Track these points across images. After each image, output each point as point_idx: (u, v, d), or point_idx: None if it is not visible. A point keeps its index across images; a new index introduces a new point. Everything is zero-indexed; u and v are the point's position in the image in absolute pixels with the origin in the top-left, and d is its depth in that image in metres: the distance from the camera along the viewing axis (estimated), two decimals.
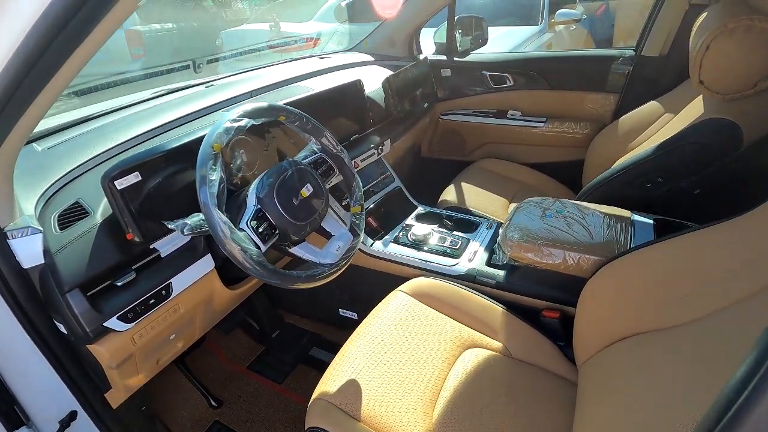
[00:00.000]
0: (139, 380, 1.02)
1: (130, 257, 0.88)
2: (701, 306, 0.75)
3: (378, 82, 1.67)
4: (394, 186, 1.59)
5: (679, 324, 0.78)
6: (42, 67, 0.59)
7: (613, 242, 1.08)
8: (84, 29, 0.56)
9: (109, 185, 0.82)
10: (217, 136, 0.81)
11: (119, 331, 0.85)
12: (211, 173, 0.78)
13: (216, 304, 1.11)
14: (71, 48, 0.58)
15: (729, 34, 1.01)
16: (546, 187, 1.87)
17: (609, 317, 0.93)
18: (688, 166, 1.18)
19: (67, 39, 0.56)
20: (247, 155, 1.07)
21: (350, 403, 0.91)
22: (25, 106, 0.64)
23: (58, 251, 0.79)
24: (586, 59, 1.90)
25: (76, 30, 0.55)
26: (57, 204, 0.88)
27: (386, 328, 1.07)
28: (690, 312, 0.76)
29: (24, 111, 0.65)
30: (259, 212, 0.85)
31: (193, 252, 0.98)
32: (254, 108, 0.89)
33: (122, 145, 1.06)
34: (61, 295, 0.78)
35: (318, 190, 0.95)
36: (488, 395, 0.96)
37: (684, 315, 0.77)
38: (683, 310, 0.78)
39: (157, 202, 0.89)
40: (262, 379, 1.49)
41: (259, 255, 0.80)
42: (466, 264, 1.27)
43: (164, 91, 1.43)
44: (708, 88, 1.10)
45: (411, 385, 0.95)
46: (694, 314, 0.75)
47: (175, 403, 1.40)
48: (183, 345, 1.11)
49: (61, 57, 0.59)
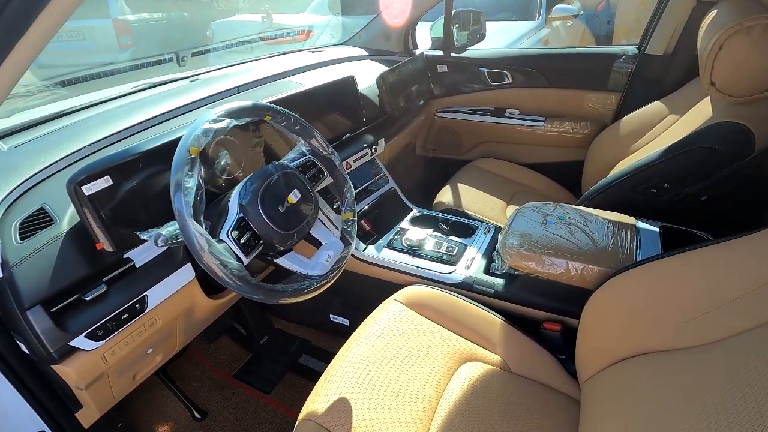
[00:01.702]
0: (114, 398, 0.95)
1: (100, 269, 0.81)
2: (718, 328, 0.69)
3: (372, 78, 1.60)
4: (389, 187, 1.52)
5: (689, 346, 0.72)
6: None
7: (618, 251, 1.03)
8: None
9: (76, 191, 0.75)
10: (195, 138, 0.74)
11: (87, 350, 0.77)
12: (187, 180, 0.71)
13: (197, 315, 1.04)
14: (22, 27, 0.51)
15: (745, 33, 0.95)
16: (544, 189, 1.82)
17: (615, 333, 0.88)
18: (696, 172, 1.13)
19: None
20: (232, 156, 0.99)
21: (339, 425, 0.85)
22: None
23: (18, 264, 0.72)
24: (587, 57, 1.84)
25: None
26: (19, 210, 0.80)
27: (379, 341, 1.01)
28: (705, 334, 0.71)
29: None
30: (242, 221, 0.78)
31: (171, 261, 0.91)
32: (237, 107, 0.82)
33: (95, 145, 0.98)
34: (20, 313, 0.71)
35: (306, 196, 0.88)
36: (487, 413, 0.91)
37: (698, 337, 0.72)
38: (697, 331, 0.73)
39: (130, 208, 0.82)
40: (248, 388, 1.42)
41: (240, 269, 0.73)
42: (463, 272, 1.21)
43: (145, 85, 1.35)
44: (720, 90, 1.04)
45: (405, 403, 0.90)
46: (709, 336, 0.70)
47: (156, 416, 1.33)
48: (162, 358, 1.04)
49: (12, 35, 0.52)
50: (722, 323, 0.69)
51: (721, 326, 0.69)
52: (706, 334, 0.70)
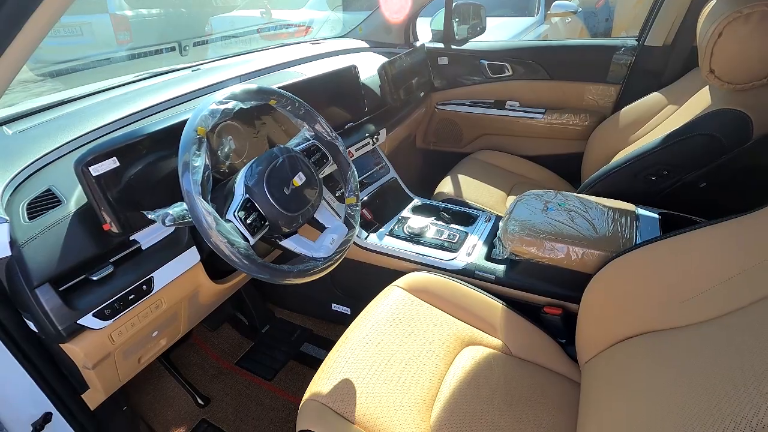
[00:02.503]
0: (119, 380, 0.96)
1: (107, 249, 0.82)
2: (714, 306, 0.71)
3: (373, 69, 1.61)
4: (390, 177, 1.53)
5: (689, 324, 0.74)
6: None
7: (618, 237, 1.04)
8: None
9: (83, 171, 0.76)
10: (202, 118, 0.74)
11: (95, 329, 0.78)
12: (195, 159, 0.71)
13: (202, 299, 1.05)
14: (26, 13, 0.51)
15: (744, 19, 0.96)
16: (544, 180, 1.83)
17: (614, 315, 0.89)
18: (695, 159, 1.15)
19: None
20: (235, 142, 1.00)
21: (344, 405, 0.86)
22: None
23: (27, 242, 0.73)
24: (587, 49, 1.85)
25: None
26: (27, 191, 0.81)
27: (381, 325, 1.02)
28: (702, 312, 0.72)
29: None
30: (248, 202, 0.79)
31: (177, 244, 0.92)
32: (243, 90, 0.83)
33: (100, 130, 0.99)
34: (29, 291, 0.72)
35: (311, 180, 0.89)
36: (488, 395, 0.92)
37: (695, 315, 0.73)
38: (695, 310, 0.74)
39: (137, 190, 0.83)
40: (251, 376, 1.43)
41: (247, 248, 0.74)
42: (465, 258, 1.22)
43: (147, 74, 1.36)
44: (719, 77, 1.05)
45: (407, 385, 0.91)
46: (706, 314, 0.71)
47: (160, 401, 1.34)
48: (167, 342, 1.05)
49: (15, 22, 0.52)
50: (717, 302, 0.70)
51: (717, 305, 0.70)
52: (702, 313, 0.72)
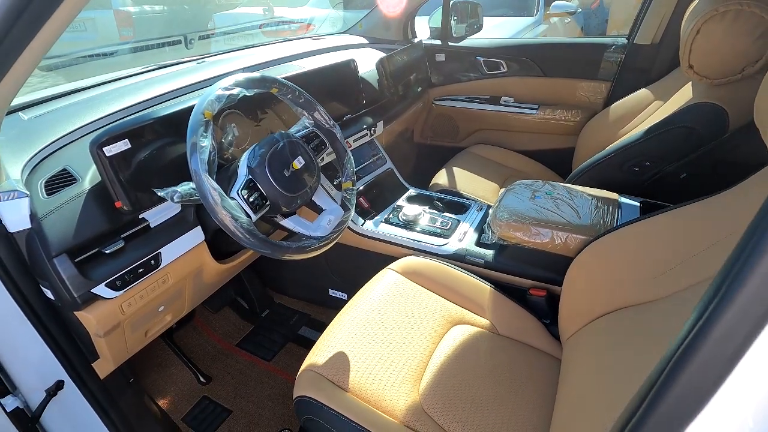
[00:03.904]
0: (127, 351, 1.02)
1: (118, 225, 0.88)
2: (679, 281, 0.77)
3: (371, 64, 1.67)
4: (386, 167, 1.59)
5: (657, 298, 0.80)
6: (21, 27, 0.59)
7: (599, 223, 1.10)
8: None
9: (98, 152, 0.81)
10: (209, 102, 0.80)
11: (107, 298, 0.84)
12: (202, 140, 0.77)
13: (205, 278, 1.10)
14: (49, 10, 0.57)
15: (720, 17, 1.02)
16: (537, 174, 1.89)
17: (592, 293, 0.95)
18: (675, 151, 1.20)
19: None
20: (238, 130, 1.06)
21: (338, 374, 0.92)
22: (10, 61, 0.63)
23: (45, 216, 0.78)
24: (579, 47, 1.91)
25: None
26: (44, 170, 0.87)
27: (376, 304, 1.08)
28: (671, 286, 0.78)
29: (9, 67, 0.64)
30: (250, 182, 0.85)
31: (183, 223, 0.98)
32: (247, 78, 0.89)
33: (111, 116, 1.05)
34: (48, 260, 0.77)
35: (309, 164, 0.95)
36: (474, 369, 0.98)
37: (663, 290, 0.79)
38: (662, 285, 0.80)
39: (146, 171, 0.89)
40: (250, 356, 1.49)
41: (249, 223, 0.80)
42: (456, 244, 1.28)
43: (154, 66, 1.41)
44: (697, 72, 1.11)
45: (398, 358, 0.97)
46: (674, 288, 0.77)
47: (164, 378, 1.40)
48: (172, 318, 1.10)
49: (40, 17, 0.58)
50: (686, 275, 0.76)
51: (685, 278, 0.76)
52: (672, 286, 0.78)
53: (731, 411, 0.30)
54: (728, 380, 0.29)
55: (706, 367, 0.30)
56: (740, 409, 0.29)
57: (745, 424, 0.29)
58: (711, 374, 0.30)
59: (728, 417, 0.30)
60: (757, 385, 0.29)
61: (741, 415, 0.29)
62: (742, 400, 0.29)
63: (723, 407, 0.30)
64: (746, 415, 0.29)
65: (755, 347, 0.29)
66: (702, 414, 0.31)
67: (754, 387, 0.29)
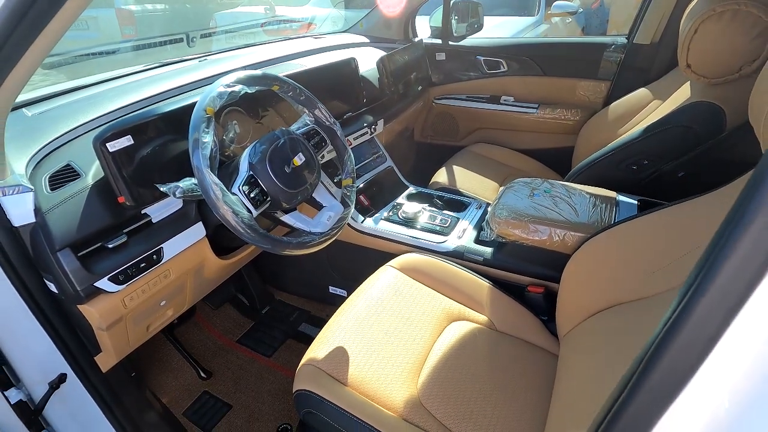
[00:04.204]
0: (129, 345, 1.03)
1: (121, 220, 0.89)
2: (674, 277, 0.78)
3: (372, 63, 1.67)
4: (386, 165, 1.60)
5: (653, 294, 0.81)
6: (26, 25, 0.60)
7: (597, 220, 1.11)
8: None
9: (101, 147, 0.83)
10: (211, 99, 0.81)
11: (110, 292, 0.85)
12: (204, 136, 0.78)
13: (207, 273, 1.11)
14: (53, 9, 0.58)
15: (717, 17, 1.03)
16: (536, 172, 1.90)
17: (590, 290, 0.96)
18: (673, 149, 1.21)
19: None
20: (239, 127, 1.07)
21: (337, 369, 0.93)
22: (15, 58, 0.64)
23: (49, 210, 0.80)
24: (579, 46, 1.92)
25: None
26: (48, 166, 0.88)
27: (375, 300, 1.09)
28: (664, 283, 0.79)
29: (15, 64, 0.65)
30: (251, 178, 0.86)
31: (185, 219, 0.99)
32: (248, 75, 0.90)
33: (114, 113, 1.06)
34: (52, 254, 0.78)
35: (310, 161, 0.96)
36: (472, 364, 0.99)
37: (658, 286, 0.80)
38: (658, 282, 0.81)
39: (148, 168, 0.90)
40: (251, 352, 1.51)
41: (250, 219, 0.81)
42: (455, 241, 1.29)
43: (158, 63, 1.43)
44: (695, 71, 1.12)
45: (397, 353, 0.98)
46: (668, 285, 0.78)
47: (165, 373, 1.41)
48: (173, 313, 1.11)
49: (44, 17, 0.59)
50: (681, 272, 0.77)
51: (680, 274, 0.77)
52: (668, 283, 0.79)
53: (708, 393, 0.31)
54: (704, 365, 0.31)
55: (685, 351, 0.32)
56: (716, 391, 0.30)
57: (721, 405, 0.30)
58: (689, 359, 0.31)
59: (705, 398, 0.31)
60: (731, 368, 0.30)
61: (717, 396, 0.30)
62: (718, 382, 0.30)
63: (700, 390, 0.31)
64: (722, 397, 0.30)
65: (730, 332, 0.30)
66: (680, 397, 0.32)
67: (730, 370, 0.30)
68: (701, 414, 0.31)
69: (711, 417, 0.30)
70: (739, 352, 0.30)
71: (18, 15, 0.59)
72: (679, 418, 0.32)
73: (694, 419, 0.31)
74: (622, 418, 0.36)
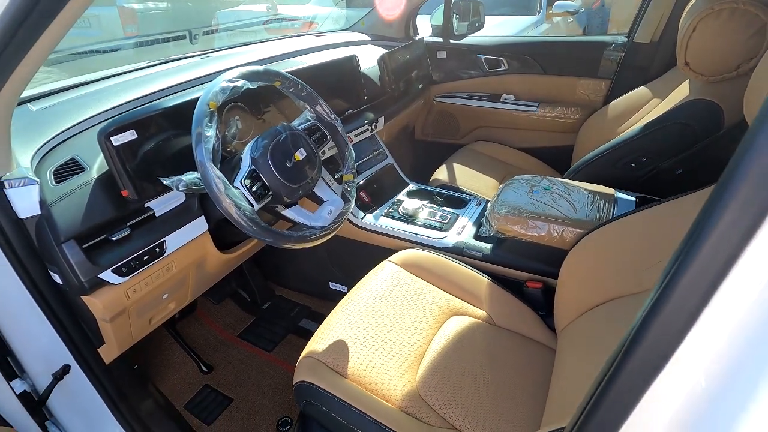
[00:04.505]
0: (132, 338, 1.04)
1: (124, 214, 0.90)
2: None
3: (373, 61, 1.69)
4: (387, 162, 1.61)
5: (649, 288, 0.82)
6: (31, 23, 0.61)
7: (595, 217, 1.12)
8: None
9: (105, 141, 0.84)
10: (214, 94, 0.82)
11: (114, 283, 0.87)
12: (207, 130, 0.80)
13: (208, 267, 1.13)
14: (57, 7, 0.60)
15: (715, 15, 1.04)
16: (536, 171, 1.91)
17: (587, 285, 0.97)
18: (671, 147, 1.22)
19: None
20: (241, 123, 1.08)
21: (337, 361, 0.94)
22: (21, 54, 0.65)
23: (55, 203, 0.81)
24: (579, 45, 1.93)
25: None
26: (53, 159, 0.89)
27: (375, 295, 1.10)
28: (660, 277, 0.80)
29: (20, 60, 0.66)
30: (253, 172, 0.87)
31: (187, 212, 1.00)
32: (251, 70, 0.91)
33: (118, 108, 1.07)
34: (57, 245, 0.80)
35: (311, 156, 0.97)
36: (470, 358, 1.00)
37: (654, 280, 0.81)
38: (654, 276, 0.82)
39: (152, 162, 0.91)
40: (251, 347, 1.52)
41: (252, 212, 0.82)
42: (455, 237, 1.30)
43: (160, 60, 1.44)
44: (693, 69, 1.13)
45: (396, 346, 0.99)
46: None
47: (166, 367, 1.42)
48: (175, 306, 1.13)
49: (48, 16, 0.61)
50: None
51: None
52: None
53: (685, 373, 0.32)
54: (680, 348, 0.33)
55: (664, 335, 0.33)
56: (693, 370, 0.32)
57: (698, 384, 0.32)
58: (669, 341, 0.33)
59: (682, 379, 0.33)
60: (707, 347, 0.32)
61: (694, 376, 0.32)
62: (695, 361, 0.32)
63: (677, 370, 0.33)
64: (699, 376, 0.32)
65: (704, 317, 0.32)
66: (661, 375, 0.33)
67: (704, 354, 0.32)
68: (681, 391, 0.33)
69: (690, 392, 0.32)
70: (711, 337, 0.32)
71: (23, 13, 0.60)
72: (661, 395, 0.34)
73: (674, 396, 0.33)
74: (608, 395, 0.38)
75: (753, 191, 0.29)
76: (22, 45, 0.64)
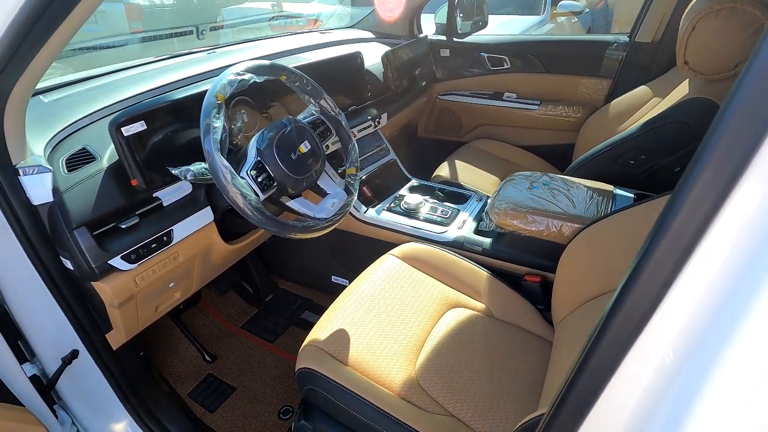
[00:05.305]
0: (139, 324, 1.07)
1: (133, 203, 0.93)
2: None
3: (377, 58, 1.71)
4: (389, 158, 1.63)
5: None
6: (47, 17, 0.64)
7: (594, 212, 1.14)
8: None
9: (116, 132, 0.86)
10: (222, 86, 0.85)
11: (123, 270, 0.89)
12: (215, 121, 0.82)
13: (214, 257, 1.15)
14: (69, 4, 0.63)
15: (714, 15, 1.06)
16: (537, 168, 1.92)
17: (584, 278, 0.99)
18: (669, 144, 1.24)
19: None
20: (247, 116, 1.11)
21: (339, 350, 0.96)
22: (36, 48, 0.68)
23: (67, 190, 0.83)
24: (581, 44, 1.94)
25: None
26: (64, 149, 0.92)
27: (376, 286, 1.12)
28: None
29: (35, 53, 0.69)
30: (259, 163, 0.89)
31: (194, 203, 1.03)
32: (257, 64, 0.93)
33: (127, 101, 1.10)
34: (69, 232, 0.82)
35: (315, 149, 0.99)
36: (469, 349, 1.02)
37: None
38: None
39: (160, 153, 0.94)
40: (254, 338, 1.54)
41: (257, 202, 0.84)
42: (455, 231, 1.32)
43: (168, 55, 1.46)
44: (692, 68, 1.15)
45: (397, 337, 1.01)
46: None
47: (171, 355, 1.45)
48: (180, 295, 1.15)
49: (63, 11, 0.63)
50: None
51: None
52: None
53: (653, 348, 0.36)
54: (650, 323, 0.37)
55: (633, 314, 0.38)
56: (661, 344, 0.35)
57: (666, 356, 0.35)
58: (638, 316, 0.37)
59: (651, 354, 0.36)
60: (672, 326, 0.36)
61: (661, 349, 0.35)
62: (662, 335, 0.36)
63: (647, 344, 0.37)
64: (666, 349, 0.35)
65: (671, 296, 0.36)
66: (633, 348, 0.37)
67: (671, 328, 0.36)
68: (652, 362, 0.36)
69: (659, 363, 0.36)
70: (676, 315, 0.35)
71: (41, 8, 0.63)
72: (634, 367, 0.38)
73: (646, 367, 0.37)
74: (580, 377, 0.41)
75: (704, 192, 0.33)
76: (38, 39, 0.67)
